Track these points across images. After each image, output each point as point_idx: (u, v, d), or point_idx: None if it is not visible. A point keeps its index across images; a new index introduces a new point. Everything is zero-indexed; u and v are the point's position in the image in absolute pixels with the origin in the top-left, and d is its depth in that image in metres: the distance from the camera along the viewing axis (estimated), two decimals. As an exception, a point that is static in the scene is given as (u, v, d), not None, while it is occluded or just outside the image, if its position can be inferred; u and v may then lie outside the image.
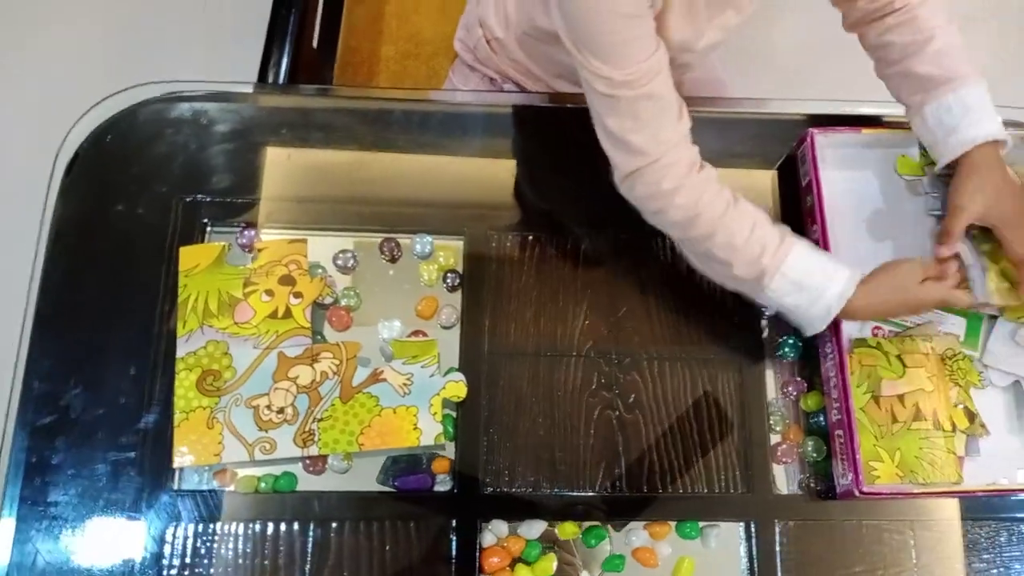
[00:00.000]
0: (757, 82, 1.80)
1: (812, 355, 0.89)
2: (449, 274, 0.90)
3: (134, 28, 1.76)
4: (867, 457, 0.80)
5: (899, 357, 0.84)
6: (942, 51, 0.84)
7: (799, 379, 0.89)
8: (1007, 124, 0.96)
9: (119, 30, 1.76)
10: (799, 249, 0.80)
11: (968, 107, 0.83)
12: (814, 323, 0.81)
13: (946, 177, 0.88)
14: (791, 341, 0.90)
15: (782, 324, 0.88)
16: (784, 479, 0.87)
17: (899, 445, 0.81)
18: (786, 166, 0.96)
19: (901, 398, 0.82)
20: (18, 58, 1.74)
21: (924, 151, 0.91)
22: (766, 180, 0.97)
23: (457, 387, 0.84)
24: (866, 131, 0.91)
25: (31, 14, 1.77)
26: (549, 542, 0.83)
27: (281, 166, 0.92)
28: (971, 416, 0.84)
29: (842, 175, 0.92)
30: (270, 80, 0.97)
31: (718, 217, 0.79)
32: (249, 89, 0.95)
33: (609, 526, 0.84)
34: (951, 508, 0.86)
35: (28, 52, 1.74)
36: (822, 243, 0.87)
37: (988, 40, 1.88)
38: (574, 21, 0.75)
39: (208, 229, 0.89)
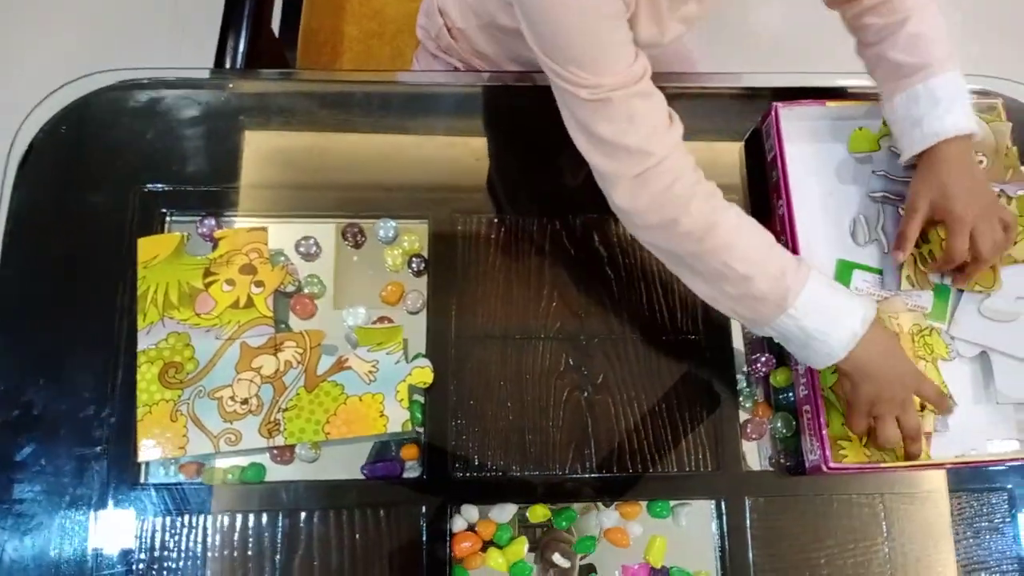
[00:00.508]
0: (732, 62, 1.79)
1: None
2: (414, 259, 0.89)
3: (97, 16, 1.73)
4: (835, 436, 0.80)
5: None
6: (916, 36, 0.82)
7: (768, 355, 0.89)
8: (979, 93, 0.96)
9: (82, 18, 1.73)
10: (817, 270, 0.75)
11: (937, 98, 0.81)
12: (835, 351, 0.74)
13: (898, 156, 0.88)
14: (760, 317, 0.89)
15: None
16: (755, 456, 0.87)
17: None
18: (753, 140, 0.96)
19: None
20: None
21: (885, 124, 0.90)
22: (733, 155, 0.96)
23: (423, 373, 0.84)
24: (831, 104, 0.90)
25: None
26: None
27: (240, 153, 0.90)
28: (940, 391, 0.85)
29: (807, 148, 0.91)
30: (227, 65, 0.95)
31: (735, 227, 0.74)
32: (205, 75, 0.93)
33: (579, 507, 0.84)
34: (921, 481, 0.86)
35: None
36: (787, 218, 0.86)
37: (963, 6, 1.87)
38: (550, 34, 0.71)
39: (167, 219, 0.88)
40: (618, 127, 0.72)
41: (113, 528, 0.79)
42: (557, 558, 0.83)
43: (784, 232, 0.87)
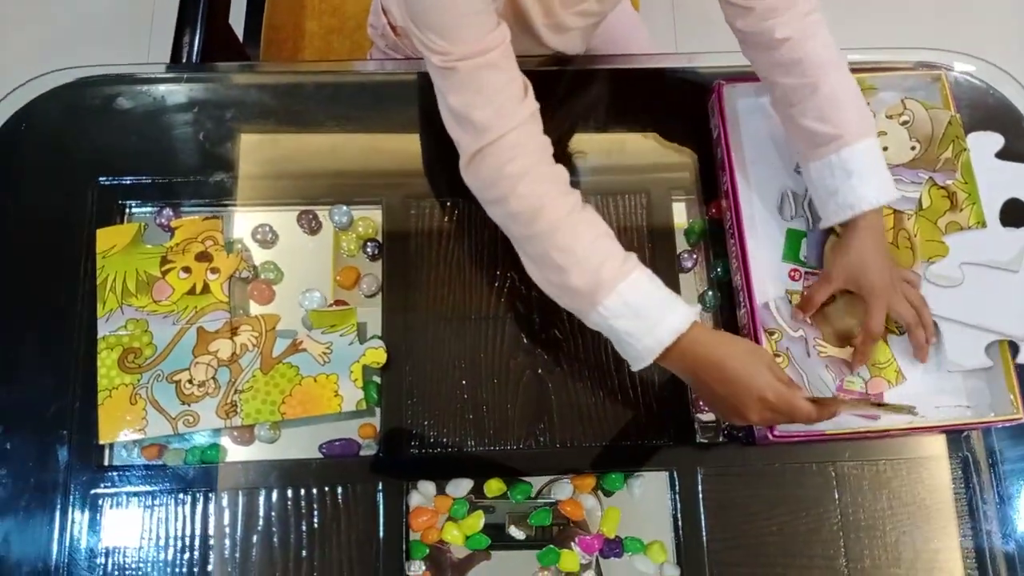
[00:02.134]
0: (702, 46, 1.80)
1: (731, 305, 0.90)
2: (369, 243, 0.91)
3: (61, 16, 1.78)
4: None
5: None
6: (828, 101, 0.80)
7: (720, 330, 0.90)
8: (921, 65, 0.97)
9: (46, 17, 1.77)
10: (642, 272, 0.73)
11: (850, 170, 0.80)
12: (642, 356, 0.73)
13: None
14: (711, 292, 0.91)
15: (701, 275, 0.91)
16: (709, 427, 0.88)
17: None
18: (703, 119, 0.97)
19: None
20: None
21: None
22: (688, 133, 0.97)
23: (376, 353, 0.86)
24: (773, 80, 0.91)
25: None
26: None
27: (197, 145, 0.93)
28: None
29: (750, 125, 0.92)
30: (184, 61, 0.98)
31: (563, 215, 0.72)
32: (161, 71, 0.96)
33: (534, 481, 0.85)
34: (873, 449, 0.87)
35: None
36: (731, 193, 0.87)
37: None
38: None
39: (127, 211, 0.91)
40: (465, 98, 0.72)
41: (77, 510, 0.82)
42: (513, 531, 0.85)
43: (730, 207, 0.88)
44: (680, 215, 0.95)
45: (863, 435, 0.84)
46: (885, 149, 0.90)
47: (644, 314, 0.72)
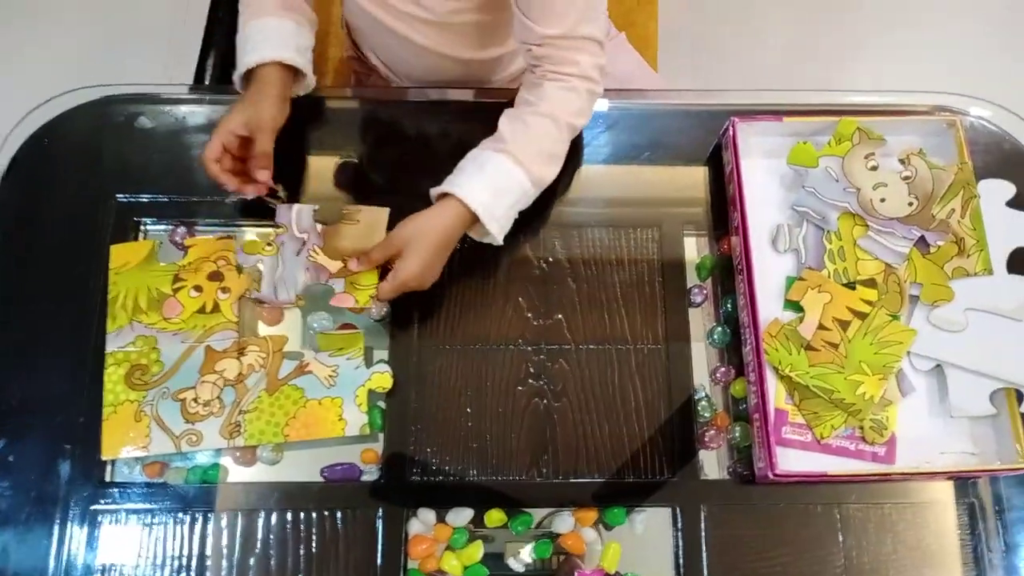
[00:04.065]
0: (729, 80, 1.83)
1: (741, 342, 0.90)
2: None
3: (92, 33, 1.82)
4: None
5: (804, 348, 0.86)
6: (514, 122, 0.88)
7: (728, 366, 0.90)
8: (937, 109, 0.98)
9: (75, 35, 1.82)
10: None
11: (480, 166, 0.86)
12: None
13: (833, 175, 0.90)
14: (720, 328, 0.91)
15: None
16: (714, 465, 0.88)
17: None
18: (716, 157, 0.97)
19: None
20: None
21: (830, 143, 0.91)
22: (699, 169, 0.98)
23: (382, 378, 0.86)
24: (788, 119, 0.92)
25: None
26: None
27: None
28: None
29: (763, 163, 0.93)
30: (206, 82, 0.99)
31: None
32: (183, 91, 0.97)
33: (536, 512, 0.85)
34: (876, 491, 0.86)
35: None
36: (741, 231, 0.88)
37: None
38: None
39: (142, 228, 0.92)
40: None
41: (76, 525, 0.82)
42: (512, 562, 0.84)
43: (739, 244, 0.88)
44: (691, 250, 0.95)
45: (868, 478, 0.84)
46: (883, 201, 0.90)
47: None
